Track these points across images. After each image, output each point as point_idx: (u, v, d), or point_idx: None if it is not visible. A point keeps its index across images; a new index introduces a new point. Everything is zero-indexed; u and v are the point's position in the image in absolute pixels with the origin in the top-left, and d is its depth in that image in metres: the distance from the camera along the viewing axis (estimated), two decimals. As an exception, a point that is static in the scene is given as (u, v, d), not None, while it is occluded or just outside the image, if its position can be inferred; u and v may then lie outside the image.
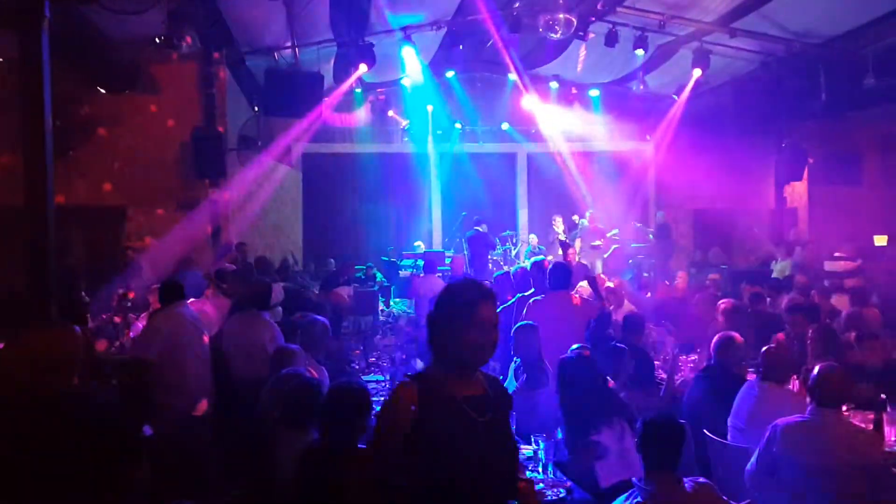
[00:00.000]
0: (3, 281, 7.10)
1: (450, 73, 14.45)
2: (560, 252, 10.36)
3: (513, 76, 14.32)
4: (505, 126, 15.65)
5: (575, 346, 4.57)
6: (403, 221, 16.02)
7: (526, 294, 6.23)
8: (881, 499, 3.66)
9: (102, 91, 9.69)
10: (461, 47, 12.59)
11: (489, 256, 13.22)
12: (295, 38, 10.61)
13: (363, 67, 10.87)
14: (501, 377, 4.90)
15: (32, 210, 5.57)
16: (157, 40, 8.78)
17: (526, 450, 4.01)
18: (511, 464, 2.44)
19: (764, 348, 4.68)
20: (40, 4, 5.61)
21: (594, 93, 14.73)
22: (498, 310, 2.47)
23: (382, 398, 5.13)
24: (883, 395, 4.51)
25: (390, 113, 15.07)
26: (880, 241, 11.60)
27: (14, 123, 5.70)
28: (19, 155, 5.60)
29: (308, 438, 3.57)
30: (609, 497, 3.48)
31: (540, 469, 3.92)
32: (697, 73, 11.26)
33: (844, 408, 4.12)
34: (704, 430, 4.54)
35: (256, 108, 11.75)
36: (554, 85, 14.70)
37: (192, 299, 6.06)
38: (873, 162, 13.18)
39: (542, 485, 3.72)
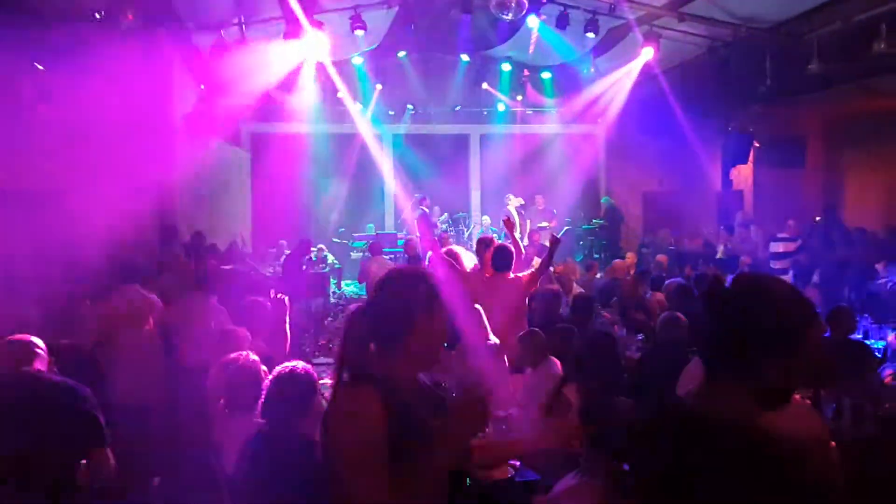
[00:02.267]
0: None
1: (401, 54, 14.29)
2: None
3: (465, 57, 14.26)
4: (457, 107, 15.60)
5: None
6: (355, 203, 15.86)
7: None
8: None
9: (40, 68, 9.30)
10: (413, 27, 12.45)
11: (432, 236, 13.18)
12: (242, 15, 10.35)
13: (314, 46, 10.66)
14: None
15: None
16: (98, 16, 8.46)
17: None
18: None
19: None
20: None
21: (546, 75, 14.76)
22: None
23: (330, 381, 5.09)
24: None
25: (340, 94, 14.84)
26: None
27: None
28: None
29: (253, 423, 3.51)
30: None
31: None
32: (648, 52, 11.23)
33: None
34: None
35: (203, 87, 11.45)
36: (506, 67, 14.68)
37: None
38: (816, 145, 13.51)
39: None
